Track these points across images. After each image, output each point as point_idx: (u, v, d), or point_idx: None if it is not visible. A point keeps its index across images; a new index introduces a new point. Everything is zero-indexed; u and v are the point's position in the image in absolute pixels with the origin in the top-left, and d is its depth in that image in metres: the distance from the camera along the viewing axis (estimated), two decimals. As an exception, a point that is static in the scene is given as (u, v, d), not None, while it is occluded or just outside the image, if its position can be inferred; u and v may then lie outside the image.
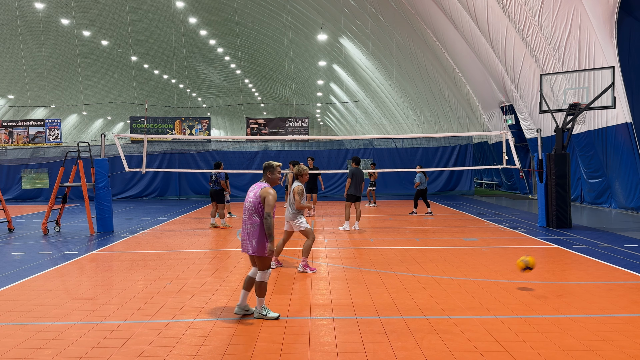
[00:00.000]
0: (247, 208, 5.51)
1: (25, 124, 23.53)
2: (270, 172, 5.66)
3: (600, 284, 6.62)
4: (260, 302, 5.45)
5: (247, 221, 5.48)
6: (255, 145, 24.03)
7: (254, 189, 5.58)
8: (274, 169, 5.67)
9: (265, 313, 5.41)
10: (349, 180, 12.10)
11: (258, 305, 5.46)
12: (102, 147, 12.87)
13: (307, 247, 7.69)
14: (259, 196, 5.43)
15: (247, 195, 5.60)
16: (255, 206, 5.43)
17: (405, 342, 4.65)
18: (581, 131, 15.92)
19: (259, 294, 5.44)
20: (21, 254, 9.57)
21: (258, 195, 5.45)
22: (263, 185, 5.55)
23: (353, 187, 12.00)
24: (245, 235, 5.48)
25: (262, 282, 5.43)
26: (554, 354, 4.34)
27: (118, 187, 22.71)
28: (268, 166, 5.68)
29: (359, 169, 12.17)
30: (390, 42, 26.29)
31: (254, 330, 5.06)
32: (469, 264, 7.95)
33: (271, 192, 5.43)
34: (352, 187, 12.00)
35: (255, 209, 5.43)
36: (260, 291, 5.43)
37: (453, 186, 23.31)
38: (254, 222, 5.41)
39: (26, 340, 4.87)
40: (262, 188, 5.49)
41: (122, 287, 6.86)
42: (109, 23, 39.18)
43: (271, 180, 5.66)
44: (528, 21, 15.08)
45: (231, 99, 72.61)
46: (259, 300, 5.45)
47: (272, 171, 5.66)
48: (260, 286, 5.43)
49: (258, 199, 5.43)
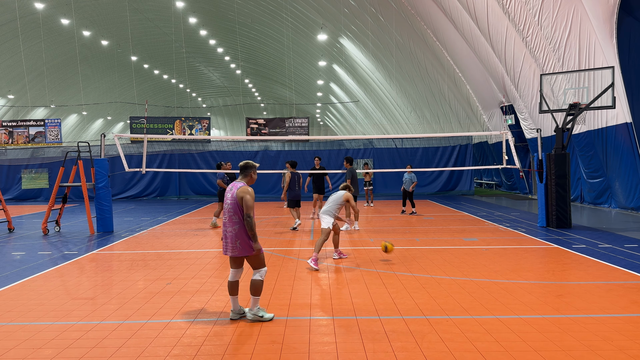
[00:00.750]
0: (226, 210, 5.34)
1: (25, 124, 23.54)
2: (253, 171, 5.47)
3: (600, 284, 6.62)
4: (255, 302, 5.32)
5: (227, 223, 5.31)
6: (255, 145, 24.04)
7: (230, 189, 5.38)
8: (253, 168, 5.47)
9: (262, 314, 5.30)
10: (349, 180, 12.13)
11: (252, 305, 5.32)
12: (102, 147, 12.87)
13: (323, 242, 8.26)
14: (236, 196, 5.24)
15: (225, 197, 5.40)
16: (234, 208, 5.25)
17: (405, 342, 4.65)
18: (581, 131, 15.92)
19: (255, 293, 5.31)
20: (21, 254, 9.57)
21: (235, 195, 5.26)
22: (239, 185, 5.32)
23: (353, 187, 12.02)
24: (227, 238, 5.31)
25: (257, 280, 5.32)
26: (554, 354, 4.34)
27: (118, 187, 22.72)
28: (247, 165, 5.47)
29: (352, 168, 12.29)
30: (390, 42, 26.29)
31: (254, 330, 5.06)
32: (469, 264, 7.95)
33: (249, 191, 5.24)
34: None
35: (234, 211, 5.25)
36: (256, 290, 5.31)
37: (453, 186, 23.32)
38: (234, 224, 5.25)
39: (26, 340, 4.87)
40: (239, 188, 5.28)
41: (122, 287, 6.86)
42: (109, 23, 39.17)
43: (249, 180, 5.46)
44: (528, 21, 15.08)
45: (231, 99, 72.61)
46: (253, 300, 5.31)
47: (254, 171, 5.48)
48: (256, 285, 5.31)
49: (235, 200, 5.25)
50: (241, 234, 5.25)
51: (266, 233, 11.76)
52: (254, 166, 5.49)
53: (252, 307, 5.32)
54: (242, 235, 5.25)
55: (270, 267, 7.95)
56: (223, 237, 5.40)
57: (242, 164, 5.49)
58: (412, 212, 15.17)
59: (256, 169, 5.52)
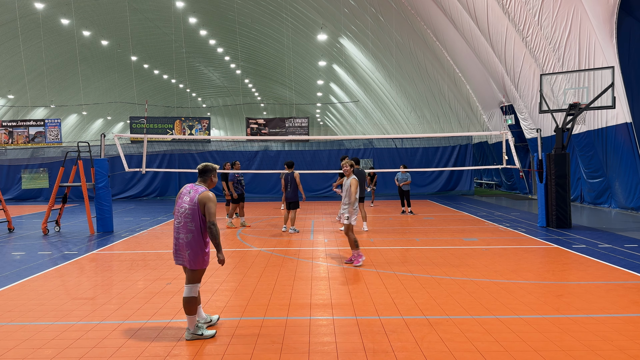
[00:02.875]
0: (180, 214, 4.82)
1: (25, 124, 23.53)
2: (214, 174, 5.03)
3: (600, 284, 6.62)
4: (191, 321, 4.78)
5: (180, 229, 4.81)
6: (255, 145, 24.03)
7: (188, 192, 4.87)
8: (214, 171, 5.03)
9: (201, 332, 4.81)
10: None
11: (190, 324, 4.79)
12: (102, 147, 12.87)
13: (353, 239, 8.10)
14: (197, 202, 4.77)
15: (181, 199, 4.89)
16: (193, 214, 4.77)
17: (405, 342, 4.65)
18: (581, 131, 15.92)
19: (188, 312, 4.77)
20: (21, 254, 9.57)
21: (196, 201, 4.77)
22: (201, 190, 4.85)
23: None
24: (177, 245, 4.86)
25: (190, 297, 4.81)
26: (554, 354, 4.34)
27: (118, 187, 22.72)
28: (207, 169, 5.01)
29: (360, 169, 12.10)
30: (390, 42, 26.30)
31: (254, 330, 5.06)
32: (469, 264, 7.95)
33: (212, 197, 4.80)
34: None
35: (192, 218, 4.77)
36: (189, 308, 4.78)
37: (453, 186, 23.32)
38: (189, 232, 4.78)
39: (26, 340, 4.87)
40: (200, 193, 4.81)
41: (122, 287, 6.86)
42: (109, 23, 39.18)
43: (209, 184, 5.02)
44: (528, 21, 15.08)
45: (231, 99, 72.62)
46: (190, 319, 4.78)
47: (215, 174, 5.04)
48: (189, 302, 4.78)
49: (196, 205, 4.76)
50: (194, 243, 4.79)
51: (266, 233, 11.76)
52: (214, 169, 5.04)
53: (189, 327, 4.81)
54: (194, 246, 4.79)
55: (270, 267, 7.95)
56: (174, 242, 4.92)
57: (201, 166, 5.02)
58: (409, 212, 15.20)
59: (216, 172, 5.08)
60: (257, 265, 8.11)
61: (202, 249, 4.85)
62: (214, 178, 5.04)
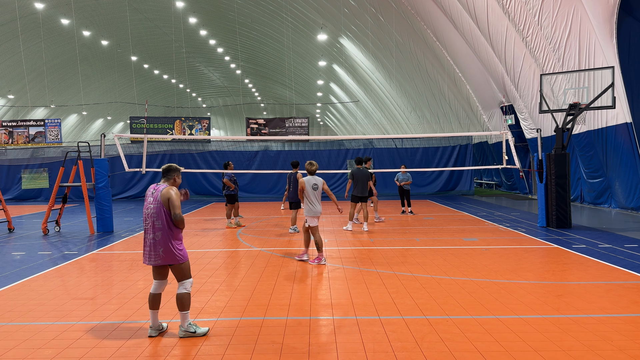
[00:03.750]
0: (148, 215, 4.91)
1: (25, 124, 23.53)
2: (177, 175, 5.08)
3: (600, 284, 6.62)
4: (184, 318, 4.86)
5: (149, 230, 4.89)
6: (255, 145, 24.03)
7: (152, 193, 4.95)
8: (177, 171, 5.08)
9: (194, 330, 4.87)
10: (350, 181, 12.10)
11: (182, 321, 4.87)
12: (102, 147, 12.88)
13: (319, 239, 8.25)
14: (160, 199, 4.84)
15: (146, 202, 4.98)
16: (158, 212, 4.84)
17: (405, 342, 4.65)
18: (581, 131, 15.92)
19: (182, 308, 4.87)
20: (21, 254, 9.57)
21: (159, 199, 4.85)
22: (162, 187, 4.92)
23: (355, 188, 11.99)
24: (149, 246, 4.89)
25: (184, 293, 4.89)
26: (554, 354, 4.34)
27: (118, 187, 22.72)
28: (170, 169, 5.06)
29: (361, 169, 12.07)
30: (390, 42, 26.29)
31: (253, 330, 5.06)
32: (469, 264, 7.95)
33: (173, 190, 4.88)
34: (355, 188, 11.98)
35: (157, 215, 4.84)
36: (183, 305, 4.87)
37: (453, 186, 23.31)
38: (157, 230, 4.84)
39: (26, 340, 4.87)
40: (163, 189, 4.88)
41: (122, 287, 6.86)
42: (109, 23, 39.18)
43: (172, 183, 5.05)
44: (528, 21, 15.08)
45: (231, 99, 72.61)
46: (182, 315, 4.86)
47: (178, 174, 5.10)
48: (183, 299, 4.87)
49: (160, 203, 4.83)
50: (165, 240, 4.83)
51: (266, 233, 11.75)
52: (177, 169, 5.09)
53: (182, 323, 4.88)
54: (166, 242, 4.83)
55: (270, 267, 7.95)
56: (144, 244, 4.98)
57: (165, 167, 5.07)
58: (410, 212, 15.19)
59: (180, 172, 5.12)
60: (257, 265, 8.10)
61: (174, 244, 4.90)
62: (177, 178, 5.09)
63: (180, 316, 4.90)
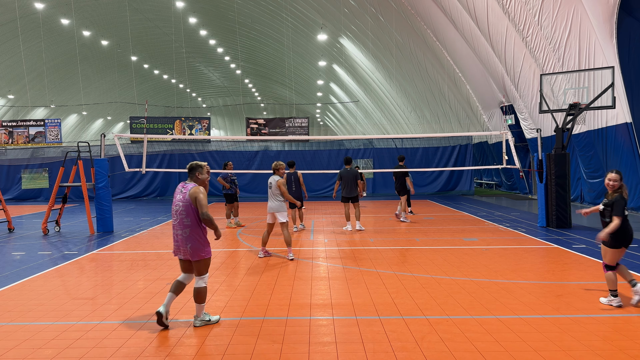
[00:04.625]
0: (177, 212, 5.19)
1: (25, 124, 23.53)
2: (199, 172, 5.31)
3: (600, 284, 6.62)
4: (200, 309, 5.19)
5: (177, 226, 5.18)
6: (255, 145, 24.03)
7: (181, 191, 5.23)
8: (202, 169, 5.33)
9: (209, 318, 5.24)
10: (337, 182, 12.15)
11: (198, 312, 5.20)
12: (102, 147, 12.88)
13: (289, 237, 8.68)
14: (188, 198, 5.11)
15: (175, 199, 5.26)
16: (186, 209, 5.11)
17: (405, 342, 4.65)
18: (581, 131, 15.92)
19: (199, 301, 5.18)
20: (21, 254, 9.57)
21: (187, 197, 5.12)
22: (190, 186, 5.19)
23: (343, 189, 12.01)
24: (177, 242, 5.21)
25: (201, 287, 5.20)
26: (554, 354, 4.34)
27: (118, 187, 22.72)
28: (196, 166, 5.32)
29: (347, 169, 12.03)
30: (390, 42, 26.29)
31: (254, 330, 5.06)
32: (469, 264, 7.95)
33: (201, 190, 5.13)
34: (343, 189, 12.01)
35: (186, 213, 5.11)
36: (200, 297, 5.18)
37: (453, 186, 23.31)
38: (185, 227, 5.12)
39: (26, 340, 4.87)
40: (191, 189, 5.14)
41: (122, 287, 6.86)
42: (109, 23, 39.18)
43: (200, 180, 5.31)
44: (528, 21, 15.08)
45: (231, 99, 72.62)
46: (199, 307, 5.19)
47: (200, 171, 5.32)
48: (200, 292, 5.18)
49: (188, 201, 5.11)
50: (193, 237, 5.12)
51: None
52: (199, 166, 5.33)
53: (198, 314, 5.21)
54: (194, 239, 5.12)
55: (270, 267, 7.96)
56: (173, 239, 5.28)
57: (189, 165, 5.33)
58: (409, 212, 15.18)
59: (204, 169, 5.34)
60: (257, 265, 8.11)
61: (201, 241, 5.18)
62: (200, 175, 5.32)
63: (197, 308, 5.20)
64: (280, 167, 8.97)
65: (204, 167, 5.36)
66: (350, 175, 11.90)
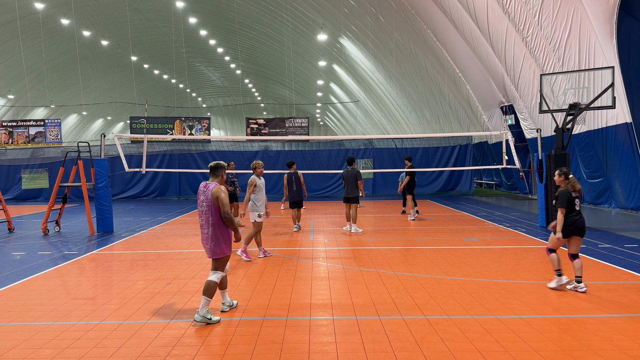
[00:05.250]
0: (202, 212, 5.42)
1: (25, 124, 23.52)
2: (223, 172, 5.54)
3: (600, 284, 6.62)
4: (205, 304, 5.29)
5: (204, 225, 5.43)
6: (255, 145, 24.03)
7: (203, 192, 5.42)
8: (224, 169, 5.56)
9: (210, 317, 5.29)
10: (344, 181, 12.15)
11: (202, 306, 5.29)
12: (102, 147, 12.88)
13: (251, 236, 8.70)
14: (211, 198, 5.32)
15: (198, 199, 5.48)
16: (210, 208, 5.35)
17: (405, 342, 4.65)
18: (581, 131, 15.92)
19: (207, 294, 5.31)
20: (21, 254, 9.57)
21: (210, 197, 5.33)
22: (212, 186, 5.37)
23: (344, 188, 12.01)
24: (204, 240, 5.47)
25: (213, 282, 5.40)
26: (554, 354, 4.34)
27: (118, 187, 22.72)
28: (218, 166, 5.53)
29: (349, 169, 11.98)
30: (390, 42, 26.29)
31: (254, 330, 5.06)
32: (469, 264, 7.95)
33: (223, 189, 5.36)
34: (344, 189, 12.01)
35: (211, 212, 5.35)
36: (209, 291, 5.34)
37: (453, 186, 23.31)
38: (210, 226, 5.37)
39: (26, 340, 4.87)
40: (212, 189, 5.34)
41: (122, 287, 6.86)
42: (109, 23, 39.17)
43: (220, 180, 5.52)
44: (528, 21, 15.08)
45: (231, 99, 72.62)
46: (205, 300, 5.30)
47: (224, 172, 5.56)
48: (210, 286, 5.36)
49: (211, 201, 5.33)
50: (215, 236, 5.38)
51: (266, 233, 11.75)
52: (223, 167, 5.56)
53: (201, 309, 5.28)
54: (216, 237, 5.38)
55: (270, 267, 7.96)
56: (202, 238, 5.52)
57: (213, 164, 5.53)
58: (404, 212, 15.19)
59: (226, 170, 5.60)
60: (258, 265, 8.11)
61: (224, 239, 5.45)
62: (224, 175, 5.61)
63: (202, 301, 5.31)
64: (257, 166, 8.81)
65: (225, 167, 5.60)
66: (351, 175, 11.87)
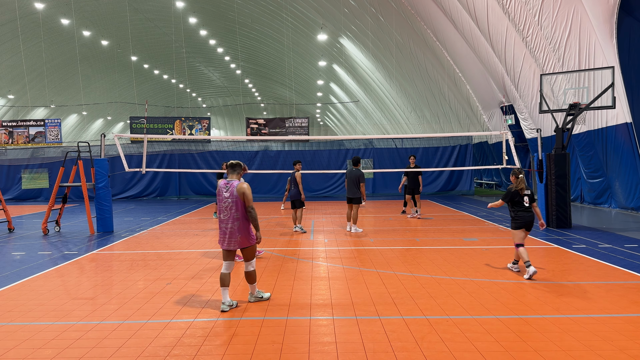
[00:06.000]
0: (227, 208, 5.79)
1: (25, 124, 23.52)
2: (239, 169, 5.96)
3: (600, 284, 6.62)
4: (254, 288, 6.02)
5: (228, 220, 5.78)
6: (255, 145, 24.03)
7: (227, 188, 5.81)
8: (242, 167, 6.03)
9: (261, 295, 6.07)
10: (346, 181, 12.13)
11: (253, 290, 6.03)
12: (102, 147, 12.87)
13: None
14: (236, 194, 5.73)
15: (221, 196, 5.85)
16: (236, 204, 5.74)
17: (405, 342, 4.65)
18: (581, 131, 15.92)
19: (252, 281, 5.98)
20: (21, 254, 9.57)
21: (235, 193, 5.74)
22: (235, 183, 5.80)
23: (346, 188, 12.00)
24: (228, 234, 5.78)
25: (250, 271, 5.96)
26: (554, 354, 4.34)
27: (118, 187, 22.72)
28: (238, 164, 5.98)
29: (353, 169, 11.95)
30: (390, 42, 26.29)
31: (254, 330, 5.06)
32: (469, 264, 7.95)
33: (246, 186, 5.77)
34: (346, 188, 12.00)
35: (236, 207, 5.74)
36: (253, 278, 5.98)
37: (453, 186, 23.31)
38: (235, 220, 5.75)
39: (26, 340, 4.87)
40: (237, 185, 5.76)
41: (122, 287, 6.86)
42: (109, 23, 39.19)
43: (238, 177, 5.95)
44: (528, 21, 15.08)
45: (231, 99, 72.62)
46: (252, 287, 6.01)
47: (240, 169, 5.98)
48: (250, 274, 5.96)
49: (236, 197, 5.73)
50: (242, 228, 5.79)
51: (266, 233, 11.75)
52: (242, 165, 6.11)
53: (252, 292, 6.05)
54: (243, 230, 5.80)
55: (270, 267, 7.96)
56: (222, 232, 5.84)
57: (234, 162, 5.96)
58: (404, 212, 15.17)
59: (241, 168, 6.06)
60: (258, 266, 8.11)
61: (249, 230, 5.89)
62: (242, 172, 6.09)
63: (250, 288, 6.04)
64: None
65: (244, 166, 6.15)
66: (353, 176, 11.83)
